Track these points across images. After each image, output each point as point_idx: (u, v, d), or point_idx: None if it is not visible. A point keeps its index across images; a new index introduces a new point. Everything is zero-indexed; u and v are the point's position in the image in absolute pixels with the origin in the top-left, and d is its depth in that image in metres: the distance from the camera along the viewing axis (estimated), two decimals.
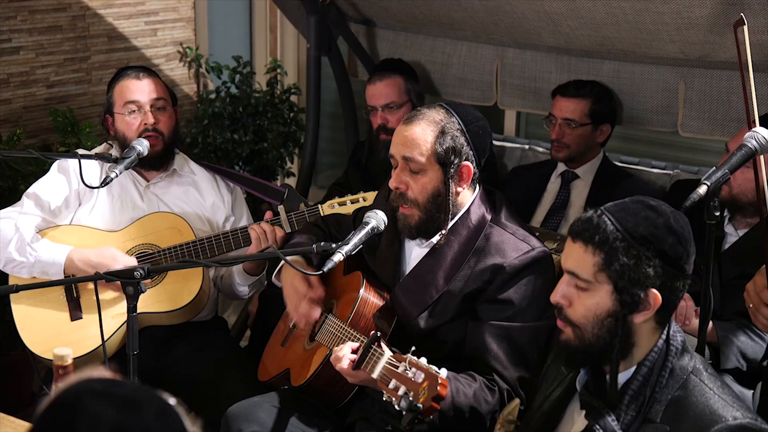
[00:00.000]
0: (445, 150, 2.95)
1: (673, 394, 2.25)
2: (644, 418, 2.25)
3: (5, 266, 3.62)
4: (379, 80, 4.30)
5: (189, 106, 5.57)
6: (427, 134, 2.96)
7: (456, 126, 2.98)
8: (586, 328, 2.29)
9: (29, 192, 3.77)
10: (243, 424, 3.07)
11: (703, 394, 2.22)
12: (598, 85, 4.22)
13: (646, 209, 2.27)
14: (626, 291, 2.23)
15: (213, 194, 3.89)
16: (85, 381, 1.38)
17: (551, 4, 4.00)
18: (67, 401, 1.34)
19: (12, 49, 4.78)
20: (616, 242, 2.22)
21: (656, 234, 2.22)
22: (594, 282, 2.26)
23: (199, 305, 3.69)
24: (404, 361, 2.57)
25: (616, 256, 2.22)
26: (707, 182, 2.64)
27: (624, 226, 2.23)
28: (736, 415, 2.15)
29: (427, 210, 3.00)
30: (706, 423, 2.15)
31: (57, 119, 4.77)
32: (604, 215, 2.26)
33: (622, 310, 2.24)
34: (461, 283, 2.97)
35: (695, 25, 3.74)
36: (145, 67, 3.90)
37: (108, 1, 5.12)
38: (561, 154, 4.22)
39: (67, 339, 3.54)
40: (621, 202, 2.31)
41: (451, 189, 2.98)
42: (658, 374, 2.27)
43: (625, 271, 2.22)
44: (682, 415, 2.20)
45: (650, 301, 2.23)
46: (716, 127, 4.06)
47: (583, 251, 2.27)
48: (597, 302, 2.26)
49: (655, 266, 2.22)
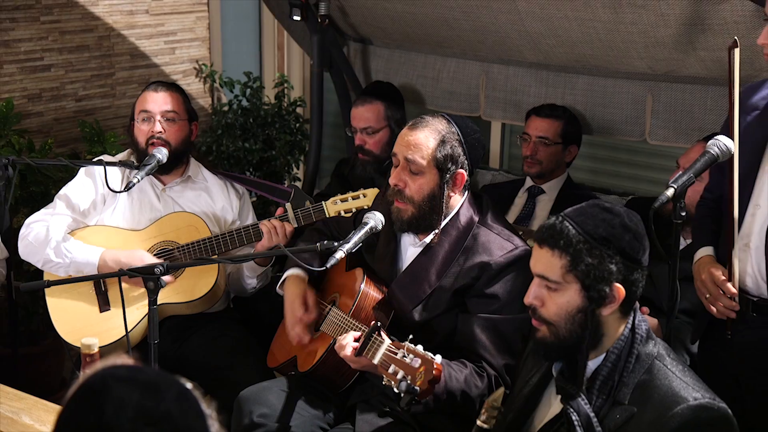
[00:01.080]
0: (443, 156, 2.95)
1: (639, 378, 2.25)
2: (613, 401, 2.25)
3: (43, 266, 3.62)
4: (361, 104, 4.26)
5: (204, 118, 5.55)
6: (429, 140, 2.97)
7: (456, 136, 2.99)
8: (559, 325, 2.28)
9: (60, 194, 3.78)
10: (254, 407, 3.06)
11: (667, 377, 2.22)
12: (569, 110, 4.21)
13: (603, 212, 2.27)
14: (593, 288, 2.22)
15: (223, 199, 3.88)
16: (110, 367, 1.37)
17: (532, 25, 3.99)
18: (95, 386, 1.33)
19: (44, 66, 4.77)
20: (580, 244, 2.22)
21: (614, 233, 2.23)
22: (563, 282, 2.26)
23: (215, 296, 3.68)
24: (402, 348, 2.57)
25: (581, 257, 2.22)
26: (674, 185, 2.63)
27: (585, 229, 2.23)
28: (696, 396, 2.16)
29: (420, 208, 3.00)
30: (669, 404, 2.16)
31: (84, 130, 4.77)
32: (566, 221, 2.26)
33: (590, 305, 2.24)
34: (452, 279, 2.97)
35: (661, 44, 3.74)
36: (170, 83, 3.90)
37: (130, 23, 5.11)
38: (533, 170, 4.20)
39: (95, 329, 3.53)
40: (578, 207, 2.31)
41: (445, 192, 2.98)
42: (626, 360, 2.27)
43: (590, 270, 2.22)
44: (648, 397, 2.21)
45: (615, 295, 2.23)
46: (680, 136, 4.05)
47: (550, 255, 2.27)
48: (567, 300, 2.26)
49: (616, 262, 2.22)
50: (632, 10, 3.62)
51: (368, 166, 4.17)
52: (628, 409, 2.21)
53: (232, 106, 5.50)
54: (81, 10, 4.86)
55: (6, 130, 4.42)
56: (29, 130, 4.70)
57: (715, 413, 2.16)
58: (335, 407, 3.18)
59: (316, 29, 4.64)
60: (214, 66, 5.61)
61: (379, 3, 4.43)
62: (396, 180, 3.02)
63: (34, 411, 2.74)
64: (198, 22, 5.48)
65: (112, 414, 1.29)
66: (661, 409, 2.16)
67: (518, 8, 3.92)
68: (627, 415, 2.22)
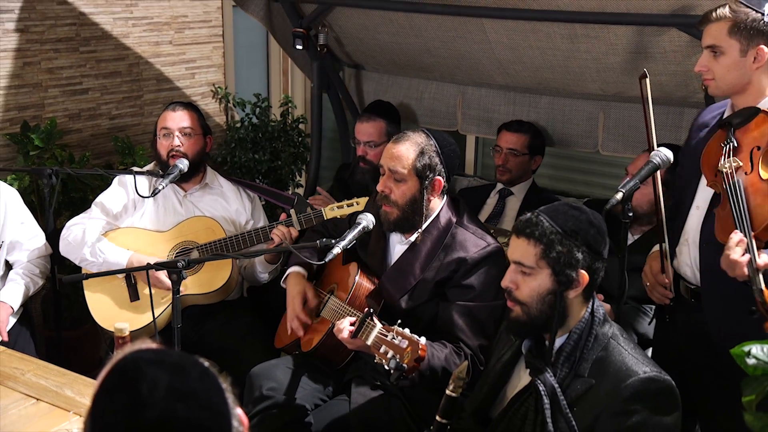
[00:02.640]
0: (422, 166, 2.96)
1: (597, 354, 2.27)
2: (575, 374, 2.27)
3: (80, 263, 3.65)
4: (366, 121, 4.25)
5: (219, 133, 5.54)
6: (410, 152, 2.97)
7: (433, 148, 2.99)
8: (531, 305, 2.30)
9: (97, 201, 3.80)
10: (263, 382, 3.07)
11: (620, 354, 2.24)
12: (534, 125, 4.22)
13: (572, 209, 2.31)
14: (562, 272, 2.25)
15: (237, 202, 3.88)
16: (139, 351, 1.37)
17: (501, 53, 4.00)
18: (126, 368, 1.33)
19: (82, 90, 4.76)
20: (552, 235, 2.25)
21: (582, 227, 2.26)
22: (536, 267, 2.27)
23: (230, 288, 3.68)
24: (392, 331, 2.59)
25: (553, 246, 2.24)
26: (622, 190, 2.63)
27: (557, 222, 2.26)
28: (645, 370, 2.19)
29: (404, 210, 3.01)
30: (623, 376, 2.18)
31: (117, 144, 4.76)
32: (541, 216, 2.29)
33: (559, 287, 2.26)
34: (433, 273, 2.98)
35: (611, 69, 3.75)
36: (186, 103, 3.90)
37: (156, 52, 5.10)
38: (504, 177, 4.20)
39: (126, 316, 3.54)
40: (551, 205, 2.35)
41: (425, 197, 2.99)
42: (586, 339, 2.28)
43: (560, 257, 2.24)
44: (604, 371, 2.23)
45: (580, 280, 2.25)
46: (628, 148, 4.06)
47: (526, 244, 2.28)
48: (539, 283, 2.28)
49: (582, 252, 2.24)
50: (586, 41, 3.63)
51: (366, 174, 4.17)
52: (588, 381, 2.24)
53: (244, 123, 5.49)
54: (114, 41, 4.85)
55: (50, 144, 4.41)
56: (70, 144, 4.69)
57: (661, 384, 2.18)
58: (333, 382, 3.19)
59: (316, 56, 4.64)
60: (228, 89, 5.60)
61: (369, 34, 4.43)
62: (382, 187, 3.03)
63: (75, 385, 2.74)
64: (214, 51, 5.48)
65: (147, 392, 1.29)
66: (616, 381, 2.19)
67: (489, 39, 3.93)
68: (586, 386, 2.24)
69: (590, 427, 2.20)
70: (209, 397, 1.33)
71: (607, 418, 2.17)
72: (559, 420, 2.22)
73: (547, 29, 3.67)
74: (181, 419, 1.28)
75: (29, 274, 3.63)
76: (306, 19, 4.47)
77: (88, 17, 4.71)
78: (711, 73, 2.63)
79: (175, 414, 1.28)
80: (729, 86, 2.63)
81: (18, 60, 4.44)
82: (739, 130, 2.60)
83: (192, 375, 1.34)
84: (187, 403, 1.30)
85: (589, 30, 3.56)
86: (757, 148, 2.52)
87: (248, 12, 4.55)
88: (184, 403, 1.30)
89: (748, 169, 2.52)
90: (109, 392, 1.33)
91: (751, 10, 2.52)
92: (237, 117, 5.64)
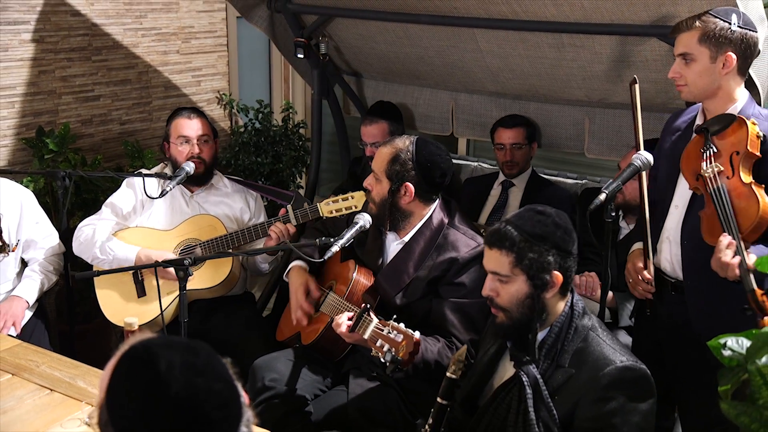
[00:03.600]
0: (392, 171, 3.00)
1: (577, 345, 2.28)
2: (556, 365, 2.28)
3: (92, 261, 3.65)
4: (369, 124, 4.25)
5: (224, 137, 5.55)
6: (385, 156, 3.01)
7: (409, 155, 3.00)
8: (512, 310, 2.30)
9: (107, 202, 3.80)
10: (266, 373, 3.07)
11: (599, 344, 2.25)
12: (524, 116, 4.23)
13: (537, 214, 2.30)
14: (536, 277, 2.25)
15: (241, 202, 3.89)
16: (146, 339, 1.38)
17: (491, 61, 4.01)
18: (139, 353, 1.35)
19: (94, 96, 4.76)
20: (522, 243, 2.25)
21: (548, 231, 2.26)
22: (512, 275, 2.28)
23: (232, 282, 3.69)
24: (388, 326, 2.59)
25: (524, 254, 2.24)
26: (606, 191, 2.65)
27: (524, 230, 2.26)
28: (622, 359, 2.20)
29: (379, 209, 3.06)
30: (601, 365, 2.19)
31: (127, 148, 4.76)
32: (508, 226, 2.29)
33: (536, 291, 2.26)
34: (426, 271, 2.98)
35: (596, 77, 3.76)
36: (196, 109, 3.91)
37: (164, 60, 5.11)
38: (514, 170, 4.18)
39: (134, 311, 3.54)
40: (517, 213, 2.35)
41: (396, 200, 3.02)
42: (566, 332, 2.29)
43: (532, 263, 2.24)
44: (584, 361, 2.24)
45: (554, 281, 2.26)
46: (612, 150, 4.08)
47: (498, 255, 2.29)
48: (517, 289, 2.28)
49: (553, 254, 2.25)
50: (572, 50, 3.64)
51: None
52: (568, 371, 2.25)
53: (247, 127, 5.50)
54: (124, 50, 4.86)
55: (64, 148, 4.42)
56: (82, 148, 4.70)
57: (636, 372, 2.20)
58: (332, 373, 3.19)
59: (317, 65, 4.64)
60: (232, 95, 5.61)
61: (367, 44, 4.44)
62: (366, 185, 3.10)
63: (87, 376, 2.74)
64: (219, 60, 5.48)
65: (166, 370, 1.31)
66: (594, 370, 2.20)
67: (480, 48, 3.94)
68: (567, 375, 2.25)
69: (570, 413, 2.21)
70: (221, 371, 1.36)
71: (586, 405, 2.18)
72: (541, 409, 2.23)
73: (536, 39, 3.68)
74: (203, 391, 1.31)
75: (44, 270, 3.63)
76: (307, 29, 4.48)
77: (99, 28, 4.72)
78: (683, 79, 2.68)
79: (196, 387, 1.31)
80: (700, 91, 2.67)
81: (34, 69, 4.45)
82: (716, 136, 2.62)
83: (201, 353, 1.36)
84: (205, 377, 1.32)
85: (574, 39, 3.57)
86: (736, 153, 2.55)
87: (252, 23, 4.56)
88: (202, 377, 1.32)
89: (729, 174, 2.55)
90: (127, 376, 1.34)
91: (719, 20, 2.59)
92: (240, 122, 5.65)
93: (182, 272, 2.88)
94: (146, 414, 1.29)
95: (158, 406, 1.29)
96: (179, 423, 1.29)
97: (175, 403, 1.29)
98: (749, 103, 2.68)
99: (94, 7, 4.67)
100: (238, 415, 1.35)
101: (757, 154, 2.54)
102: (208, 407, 1.31)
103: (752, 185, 2.51)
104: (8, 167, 4.37)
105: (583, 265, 3.42)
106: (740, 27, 2.58)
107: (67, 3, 4.54)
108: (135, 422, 1.30)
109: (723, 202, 2.50)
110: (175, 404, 1.29)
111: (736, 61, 2.59)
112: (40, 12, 4.42)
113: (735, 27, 2.57)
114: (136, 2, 4.88)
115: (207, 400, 1.31)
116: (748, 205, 2.49)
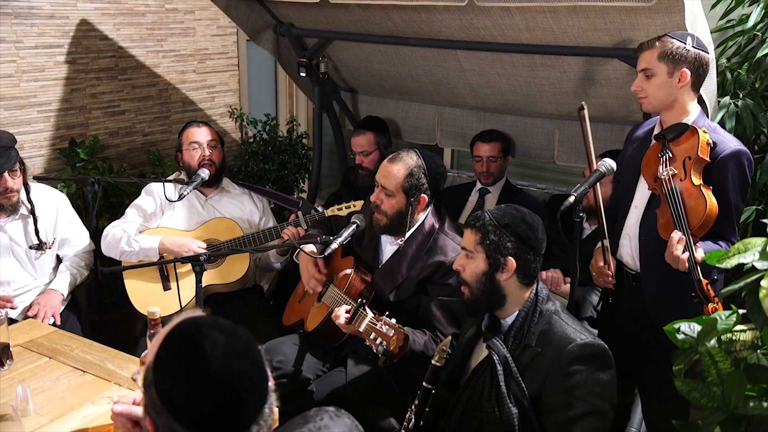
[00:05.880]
0: (409, 185, 2.96)
1: (542, 327, 2.29)
2: (524, 345, 2.29)
3: (120, 256, 3.64)
4: (357, 135, 4.25)
5: (235, 147, 5.55)
6: (400, 173, 2.97)
7: (422, 170, 2.98)
8: (472, 284, 2.36)
9: (132, 205, 3.81)
10: (273, 356, 3.08)
11: (561, 326, 2.27)
12: (500, 131, 4.21)
13: (513, 210, 2.36)
14: (492, 257, 2.30)
15: (250, 204, 3.90)
16: (197, 317, 1.38)
17: (473, 79, 4.02)
18: (190, 330, 1.34)
19: (120, 111, 4.76)
20: (488, 226, 2.31)
21: (514, 222, 2.31)
22: (475, 252, 2.34)
23: (247, 279, 3.70)
24: (381, 321, 2.60)
25: (487, 235, 2.31)
26: (575, 194, 2.67)
27: (495, 217, 2.33)
28: (582, 337, 2.22)
29: (391, 220, 3.02)
30: (564, 344, 2.21)
31: (149, 157, 4.76)
32: (486, 212, 2.36)
33: (490, 269, 2.31)
34: (417, 272, 2.98)
35: (565, 93, 3.77)
36: (203, 121, 3.92)
37: (182, 79, 5.10)
38: (490, 180, 4.16)
39: (159, 302, 3.54)
40: (499, 206, 2.40)
41: (410, 211, 2.99)
42: (532, 315, 2.31)
43: (492, 244, 2.30)
44: (549, 341, 2.26)
45: (508, 265, 2.29)
46: (579, 158, 4.08)
47: (470, 233, 2.36)
48: (477, 265, 2.34)
49: (512, 242, 2.29)
50: (544, 69, 3.65)
51: (366, 178, 4.18)
52: (535, 350, 2.26)
53: (256, 138, 5.49)
54: (147, 70, 4.86)
55: (93, 157, 4.42)
56: (109, 157, 4.69)
57: (595, 348, 2.21)
58: (332, 357, 3.20)
59: (317, 82, 4.64)
60: (242, 109, 5.60)
61: (362, 64, 4.45)
62: (375, 198, 3.04)
63: (115, 360, 2.75)
64: (231, 78, 5.48)
65: (210, 350, 1.30)
66: (558, 348, 2.21)
67: (463, 67, 3.95)
68: (534, 354, 2.26)
69: (539, 388, 2.22)
70: (256, 357, 1.36)
71: (552, 380, 2.20)
72: (512, 384, 2.24)
73: (511, 59, 3.69)
74: (237, 373, 1.31)
75: (76, 266, 3.63)
76: (308, 51, 4.48)
77: (125, 50, 4.71)
78: (644, 92, 2.70)
79: (232, 369, 1.31)
80: (659, 102, 2.69)
81: (67, 87, 4.44)
82: (672, 142, 2.64)
83: (242, 338, 1.36)
84: (242, 360, 1.32)
85: (546, 60, 3.58)
86: (689, 158, 2.57)
87: (260, 45, 4.56)
88: (240, 360, 1.32)
89: (682, 176, 2.57)
90: (175, 348, 1.33)
91: (676, 41, 2.63)
92: (250, 133, 5.64)
93: (198, 267, 2.88)
94: (185, 385, 1.29)
95: (197, 380, 1.29)
96: (213, 399, 1.28)
97: (212, 380, 1.29)
98: (701, 115, 2.70)
99: (120, 32, 4.66)
100: (264, 398, 1.35)
101: (707, 159, 2.56)
102: (241, 389, 1.30)
103: (701, 187, 2.54)
104: (45, 174, 4.37)
105: (549, 261, 3.44)
106: (694, 47, 2.61)
107: (97, 29, 4.54)
108: (173, 390, 1.30)
109: (676, 201, 2.53)
110: (213, 381, 1.29)
111: (690, 76, 2.62)
112: (72, 36, 4.42)
113: (690, 47, 2.60)
114: (158, 27, 4.88)
115: (241, 383, 1.30)
116: (698, 204, 2.51)
